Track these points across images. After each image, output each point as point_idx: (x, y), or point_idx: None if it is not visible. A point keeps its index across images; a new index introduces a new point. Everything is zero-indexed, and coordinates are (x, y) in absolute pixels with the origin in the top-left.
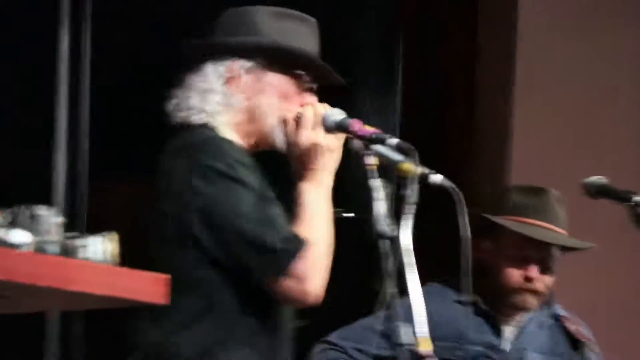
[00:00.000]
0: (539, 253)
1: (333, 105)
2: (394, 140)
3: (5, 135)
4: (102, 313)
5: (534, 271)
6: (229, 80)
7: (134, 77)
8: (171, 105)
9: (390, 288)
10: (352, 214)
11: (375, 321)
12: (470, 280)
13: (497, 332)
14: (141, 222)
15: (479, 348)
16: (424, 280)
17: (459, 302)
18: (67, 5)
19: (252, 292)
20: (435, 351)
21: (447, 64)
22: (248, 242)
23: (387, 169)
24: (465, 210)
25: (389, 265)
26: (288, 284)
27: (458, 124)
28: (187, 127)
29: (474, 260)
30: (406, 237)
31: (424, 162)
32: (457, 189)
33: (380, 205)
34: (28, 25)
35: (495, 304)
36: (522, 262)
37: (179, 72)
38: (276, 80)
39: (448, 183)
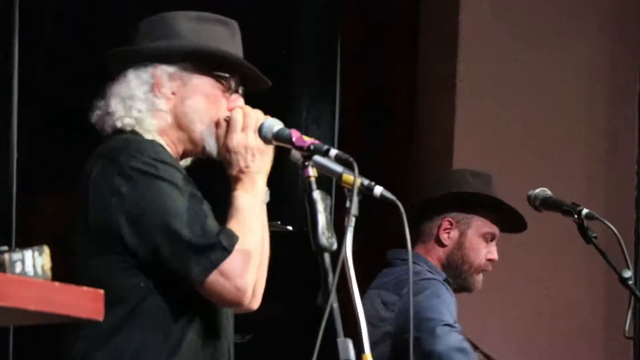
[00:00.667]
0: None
1: (272, 115)
2: (334, 152)
3: None
4: (33, 328)
5: (496, 253)
6: (153, 87)
7: (61, 89)
8: (95, 116)
9: (332, 302)
10: (290, 227)
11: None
12: None
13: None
14: (68, 234)
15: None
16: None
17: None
18: None
19: (180, 300)
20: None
21: (386, 71)
22: (175, 238)
23: (325, 181)
24: (406, 222)
25: (330, 279)
26: (219, 281)
27: (399, 131)
28: (113, 135)
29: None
30: (347, 250)
31: (363, 171)
32: (398, 201)
33: (320, 218)
34: None
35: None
36: (489, 241)
37: (104, 83)
38: (202, 84)
39: (389, 195)
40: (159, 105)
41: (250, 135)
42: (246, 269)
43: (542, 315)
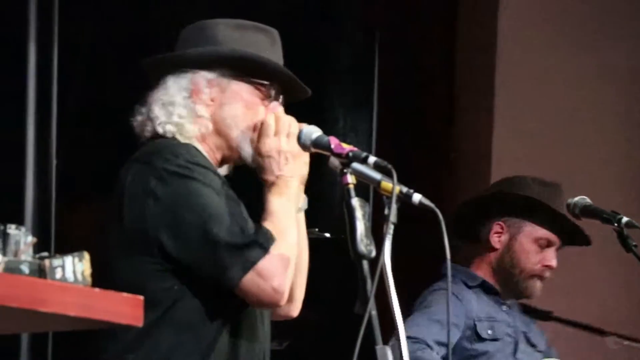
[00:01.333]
0: (556, 244)
1: (309, 122)
2: (372, 159)
3: None
4: (71, 333)
5: (555, 260)
6: (192, 93)
7: (99, 95)
8: (136, 122)
9: (370, 309)
10: (327, 234)
11: (434, 312)
12: None
13: (507, 310)
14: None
15: (502, 325)
16: (406, 298)
17: (468, 285)
18: (34, 21)
19: (214, 303)
20: (477, 331)
21: (423, 79)
22: (211, 238)
23: (364, 188)
24: (445, 230)
25: (369, 286)
26: (255, 281)
27: (436, 138)
28: (149, 141)
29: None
30: (386, 257)
31: (401, 179)
32: (436, 209)
33: (359, 225)
34: None
35: (503, 283)
36: (544, 248)
37: (143, 89)
38: (240, 91)
39: (428, 203)
40: (199, 112)
41: (283, 140)
42: (283, 270)
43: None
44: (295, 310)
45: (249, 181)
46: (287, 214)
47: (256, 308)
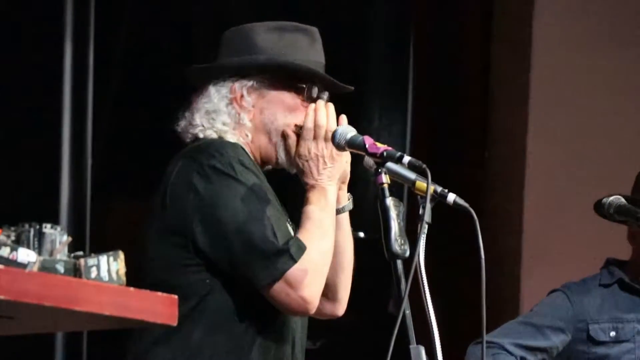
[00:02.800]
0: None
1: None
2: (407, 158)
3: (12, 159)
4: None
5: None
6: (232, 101)
7: (135, 95)
8: (180, 126)
9: (405, 309)
10: (361, 234)
11: (531, 316)
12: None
13: None
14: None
15: (634, 324)
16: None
17: (603, 285)
18: (70, 23)
19: (245, 300)
20: (590, 334)
21: (459, 78)
22: (245, 241)
23: (398, 188)
24: (479, 229)
25: (402, 286)
26: (284, 289)
27: (471, 138)
28: (195, 140)
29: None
30: (420, 257)
31: (436, 178)
32: (471, 209)
33: (393, 225)
34: (33, 47)
35: None
36: None
37: (181, 95)
38: (280, 96)
39: (462, 202)
40: (242, 120)
41: (321, 144)
42: (313, 279)
43: None
44: (340, 309)
45: (286, 181)
46: (324, 219)
47: (286, 314)
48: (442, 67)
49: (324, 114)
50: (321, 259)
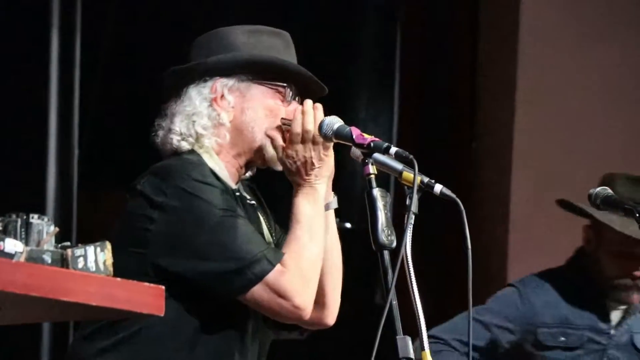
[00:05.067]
0: None
1: (330, 113)
2: (394, 149)
3: None
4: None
5: (639, 270)
6: (213, 101)
7: (122, 91)
8: (159, 136)
9: (391, 299)
10: (348, 224)
11: (482, 312)
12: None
13: (605, 316)
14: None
15: (585, 332)
16: (430, 288)
17: (561, 287)
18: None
19: (199, 312)
20: (538, 338)
21: (446, 69)
22: (216, 255)
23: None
24: (466, 220)
25: (389, 276)
26: (266, 293)
27: (458, 129)
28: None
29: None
30: (407, 247)
31: (422, 169)
32: (457, 199)
33: (380, 216)
34: (20, 38)
35: (603, 289)
36: (628, 259)
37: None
38: (260, 94)
39: (449, 193)
40: (221, 119)
41: (309, 145)
42: (303, 285)
43: None
44: (329, 317)
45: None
46: (313, 221)
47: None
48: (430, 60)
49: (311, 118)
50: (310, 264)
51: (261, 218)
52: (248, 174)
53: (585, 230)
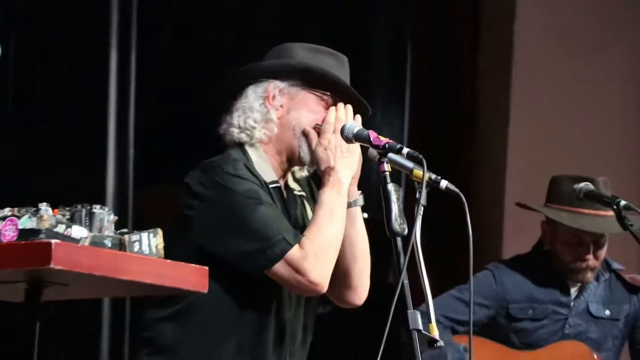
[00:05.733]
0: (591, 237)
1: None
2: (406, 150)
3: (64, 148)
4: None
5: (588, 254)
6: (266, 99)
7: (174, 94)
8: (222, 129)
9: (403, 279)
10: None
11: (459, 291)
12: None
13: (565, 291)
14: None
15: (549, 306)
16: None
17: (527, 269)
18: (115, 27)
19: (243, 294)
20: (509, 312)
21: (450, 79)
22: (246, 236)
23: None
24: (467, 211)
25: (401, 259)
26: (287, 271)
27: (460, 133)
28: (233, 145)
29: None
30: (417, 235)
31: (430, 167)
32: (460, 193)
33: (394, 207)
34: (81, 45)
35: (561, 271)
36: (577, 246)
37: (217, 90)
38: (306, 100)
39: (453, 188)
40: (270, 115)
41: (339, 137)
42: (319, 262)
43: None
44: (357, 298)
45: None
46: (336, 204)
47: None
48: (435, 70)
49: (343, 110)
50: (326, 243)
51: (307, 207)
52: (305, 172)
53: (543, 226)
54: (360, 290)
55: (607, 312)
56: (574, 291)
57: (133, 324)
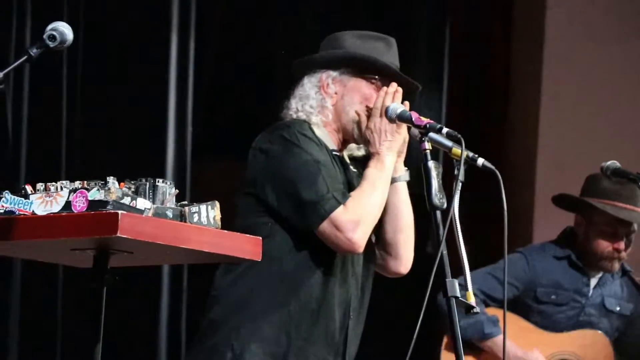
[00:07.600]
0: (625, 230)
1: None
2: (445, 130)
3: (129, 127)
4: (202, 265)
5: (622, 244)
6: (320, 88)
7: (231, 70)
8: (282, 112)
9: (442, 250)
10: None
11: (493, 270)
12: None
13: (586, 281)
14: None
15: (571, 293)
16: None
17: (556, 257)
18: (176, 14)
19: (304, 244)
20: (536, 295)
21: (485, 67)
22: (301, 191)
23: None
24: (503, 188)
25: (441, 231)
26: (331, 229)
27: (494, 115)
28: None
29: (571, 229)
30: (455, 209)
31: (467, 146)
32: (496, 170)
33: (434, 183)
34: (144, 32)
35: (587, 261)
36: (611, 237)
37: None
38: (357, 85)
39: (489, 165)
40: (325, 103)
41: (385, 120)
42: (359, 224)
43: None
44: (402, 267)
45: None
46: (377, 179)
47: (339, 252)
48: (471, 59)
49: (391, 96)
50: (366, 208)
51: (358, 181)
52: (362, 152)
53: (576, 217)
54: (405, 260)
55: (618, 308)
56: (593, 283)
57: (190, 289)
